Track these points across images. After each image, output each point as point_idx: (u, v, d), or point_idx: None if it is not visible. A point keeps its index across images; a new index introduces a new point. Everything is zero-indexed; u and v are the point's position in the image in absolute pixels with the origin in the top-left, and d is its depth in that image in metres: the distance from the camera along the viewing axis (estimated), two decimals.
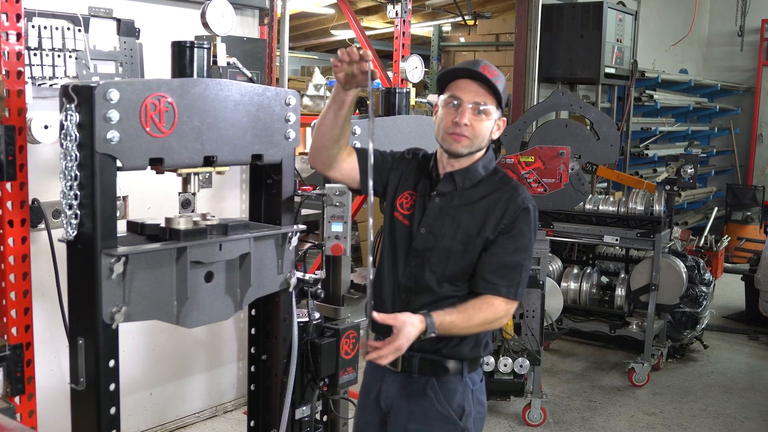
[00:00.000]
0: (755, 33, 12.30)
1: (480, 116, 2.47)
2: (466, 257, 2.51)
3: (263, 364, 2.98)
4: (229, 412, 5.04)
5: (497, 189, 2.54)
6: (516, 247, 2.49)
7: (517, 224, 2.49)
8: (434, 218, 2.55)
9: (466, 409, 2.59)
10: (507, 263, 2.48)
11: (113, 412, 2.39)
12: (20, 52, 2.95)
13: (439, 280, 2.54)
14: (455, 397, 2.58)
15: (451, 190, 2.55)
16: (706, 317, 6.45)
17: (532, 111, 5.55)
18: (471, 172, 2.55)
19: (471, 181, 2.55)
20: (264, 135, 2.70)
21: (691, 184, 6.18)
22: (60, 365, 3.88)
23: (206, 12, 2.68)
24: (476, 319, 2.45)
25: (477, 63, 2.49)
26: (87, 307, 2.32)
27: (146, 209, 4.19)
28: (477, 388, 2.65)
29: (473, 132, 2.47)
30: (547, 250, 5.02)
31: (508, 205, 2.50)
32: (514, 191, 2.53)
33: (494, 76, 2.45)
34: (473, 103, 2.46)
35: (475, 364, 2.63)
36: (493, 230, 2.49)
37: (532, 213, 2.52)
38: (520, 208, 2.49)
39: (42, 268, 3.31)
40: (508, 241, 2.49)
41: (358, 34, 5.83)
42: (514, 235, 2.49)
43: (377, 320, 2.31)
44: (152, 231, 2.53)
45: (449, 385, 2.58)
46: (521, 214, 2.49)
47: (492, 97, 2.47)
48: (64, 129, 2.27)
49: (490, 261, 2.49)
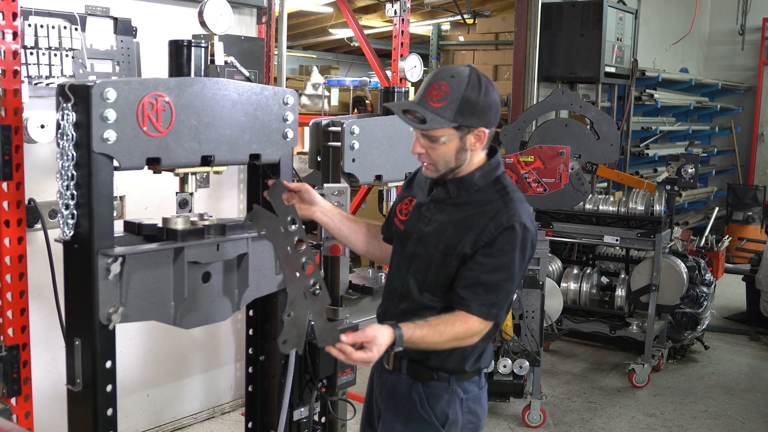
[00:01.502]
0: (756, 32, 12.29)
1: (434, 144, 2.36)
2: (443, 269, 2.43)
3: (261, 365, 2.97)
4: (226, 413, 5.02)
5: (489, 202, 2.41)
6: (494, 266, 2.35)
7: (497, 242, 2.35)
8: (424, 225, 2.50)
9: (450, 417, 2.52)
10: (482, 281, 2.35)
11: (110, 413, 2.38)
12: (16, 50, 2.93)
13: (420, 288, 2.49)
14: (439, 403, 2.52)
15: (445, 198, 2.48)
16: (706, 318, 6.43)
17: (531, 110, 5.53)
18: (465, 182, 2.45)
19: (466, 191, 2.45)
20: (262, 134, 2.69)
21: (692, 184, 6.18)
22: (57, 366, 3.85)
23: (204, 10, 2.67)
24: (447, 335, 2.34)
25: (426, 87, 2.35)
26: (84, 308, 2.31)
27: (143, 209, 4.17)
28: (470, 398, 2.57)
29: (431, 158, 2.40)
30: (547, 251, 5.01)
31: (492, 220, 2.36)
32: (503, 207, 2.38)
33: (439, 98, 2.30)
34: (420, 133, 2.38)
35: (464, 375, 2.54)
36: (472, 245, 2.36)
37: (519, 233, 2.35)
38: (503, 226, 2.34)
39: (38, 268, 3.30)
40: (487, 259, 2.35)
41: (357, 32, 5.82)
42: (493, 252, 2.35)
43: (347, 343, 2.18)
44: (149, 231, 2.53)
45: (434, 390, 2.53)
46: (504, 232, 2.34)
47: (441, 128, 2.32)
48: (60, 128, 2.27)
49: (466, 276, 2.37)
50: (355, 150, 3.37)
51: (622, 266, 6.61)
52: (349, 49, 11.77)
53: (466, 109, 2.30)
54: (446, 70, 2.37)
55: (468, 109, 2.31)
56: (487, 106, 2.34)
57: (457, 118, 2.31)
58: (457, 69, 2.35)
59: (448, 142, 2.35)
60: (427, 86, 2.35)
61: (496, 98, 2.38)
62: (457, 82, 2.31)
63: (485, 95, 2.33)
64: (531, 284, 4.85)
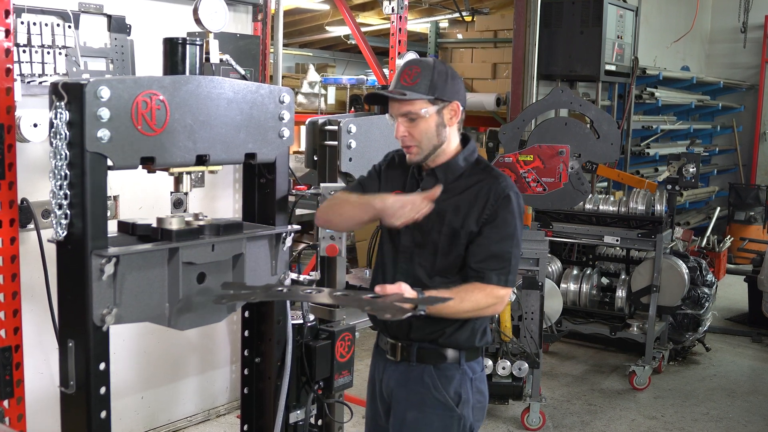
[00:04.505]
0: (758, 29, 12.28)
1: (414, 122, 2.53)
2: (453, 251, 2.57)
3: (257, 367, 2.96)
4: (222, 416, 5.00)
5: (479, 180, 2.59)
6: (501, 236, 2.54)
7: (499, 213, 2.54)
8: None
9: (463, 396, 2.64)
10: (494, 253, 2.53)
11: (104, 416, 2.36)
12: (9, 48, 2.94)
13: (429, 273, 2.60)
14: (452, 383, 2.64)
15: (434, 185, 2.56)
16: (708, 319, 6.40)
17: (530, 109, 5.49)
18: (452, 166, 2.62)
19: (453, 174, 2.61)
20: (257, 133, 2.69)
21: (693, 184, 6.15)
22: (50, 368, 3.84)
23: (199, 8, 2.68)
24: (468, 303, 2.49)
25: (399, 74, 2.57)
26: (77, 309, 2.30)
27: (137, 209, 4.16)
28: (477, 377, 2.70)
29: (414, 139, 2.55)
30: (546, 251, 4.97)
31: (489, 195, 2.54)
32: (494, 180, 2.58)
33: (413, 78, 2.51)
34: (400, 115, 2.55)
35: (473, 354, 2.68)
36: (477, 222, 2.54)
37: (514, 200, 2.57)
38: (501, 196, 2.54)
39: (31, 269, 3.29)
40: (493, 231, 2.54)
41: (354, 30, 5.79)
42: (498, 224, 2.54)
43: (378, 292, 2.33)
44: (144, 231, 2.51)
45: (446, 372, 2.64)
46: (502, 202, 2.54)
47: (420, 99, 2.51)
48: (53, 127, 2.26)
49: (477, 252, 2.54)
50: (352, 149, 3.37)
51: (623, 267, 6.58)
52: (346, 47, 11.73)
53: (438, 84, 2.52)
54: (414, 59, 2.64)
55: (440, 83, 2.52)
56: (456, 83, 2.58)
57: (432, 91, 2.51)
58: (424, 59, 2.63)
59: (428, 116, 2.52)
60: (400, 73, 2.58)
61: (461, 81, 2.64)
62: (425, 65, 2.55)
63: (452, 76, 2.57)
64: (530, 285, 4.82)
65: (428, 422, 2.64)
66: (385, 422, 2.78)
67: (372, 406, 2.84)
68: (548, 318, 5.36)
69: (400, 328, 2.63)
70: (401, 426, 2.68)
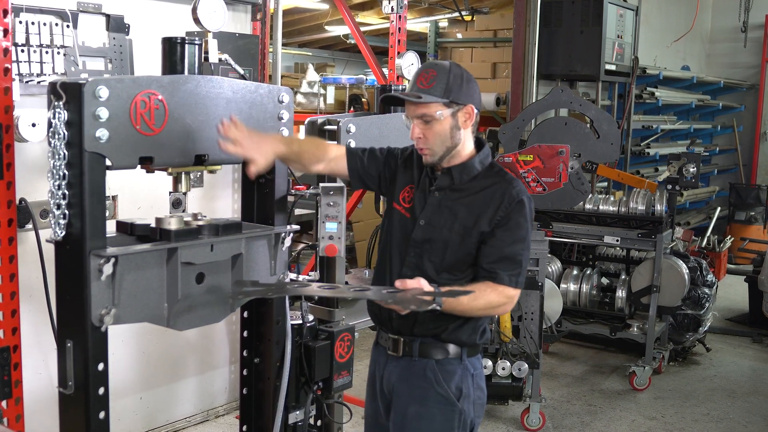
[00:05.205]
0: (759, 29, 12.27)
1: (429, 124, 2.58)
2: (463, 248, 2.62)
3: (256, 367, 2.95)
4: (220, 416, 4.99)
5: (493, 183, 2.65)
6: (514, 239, 2.60)
7: (512, 217, 2.60)
8: (433, 211, 2.66)
9: (464, 391, 2.69)
10: (506, 254, 2.59)
11: (102, 416, 2.36)
12: (7, 48, 2.92)
13: (437, 269, 2.64)
14: (454, 378, 2.68)
15: (449, 184, 2.67)
16: (708, 319, 6.39)
17: (530, 108, 5.48)
18: (468, 167, 2.67)
19: (468, 175, 2.67)
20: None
21: (694, 184, 6.14)
22: (48, 369, 3.83)
23: (197, 7, 2.68)
24: (481, 301, 2.54)
25: (415, 77, 2.63)
26: (75, 309, 2.29)
27: (136, 209, 4.15)
28: (477, 374, 2.75)
29: (428, 141, 2.60)
30: (546, 251, 4.97)
31: (503, 198, 2.60)
32: (508, 185, 2.64)
33: (429, 81, 2.57)
34: (416, 117, 2.60)
35: (474, 350, 2.73)
36: (489, 223, 2.60)
37: (527, 205, 2.63)
38: (514, 200, 2.60)
39: (29, 269, 3.28)
40: (506, 234, 2.60)
41: (353, 29, 5.77)
42: (511, 227, 2.60)
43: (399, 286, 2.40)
44: (142, 231, 2.51)
45: (448, 367, 2.68)
46: (516, 206, 2.60)
47: (435, 101, 2.56)
48: (52, 127, 2.26)
49: (489, 253, 2.60)
50: None
51: (623, 267, 6.57)
52: (345, 46, 11.73)
53: (453, 87, 2.57)
54: (431, 62, 2.71)
55: (455, 87, 2.57)
56: (471, 86, 2.62)
57: (447, 95, 2.56)
58: (440, 61, 2.67)
59: (442, 119, 2.57)
60: (416, 76, 2.64)
61: (476, 84, 2.67)
62: (441, 68, 2.60)
63: (468, 80, 2.62)
64: (530, 285, 4.81)
65: (430, 416, 2.67)
66: (385, 420, 2.79)
67: (372, 404, 2.85)
68: (548, 318, 5.35)
69: (404, 324, 2.66)
70: (402, 420, 2.70)
